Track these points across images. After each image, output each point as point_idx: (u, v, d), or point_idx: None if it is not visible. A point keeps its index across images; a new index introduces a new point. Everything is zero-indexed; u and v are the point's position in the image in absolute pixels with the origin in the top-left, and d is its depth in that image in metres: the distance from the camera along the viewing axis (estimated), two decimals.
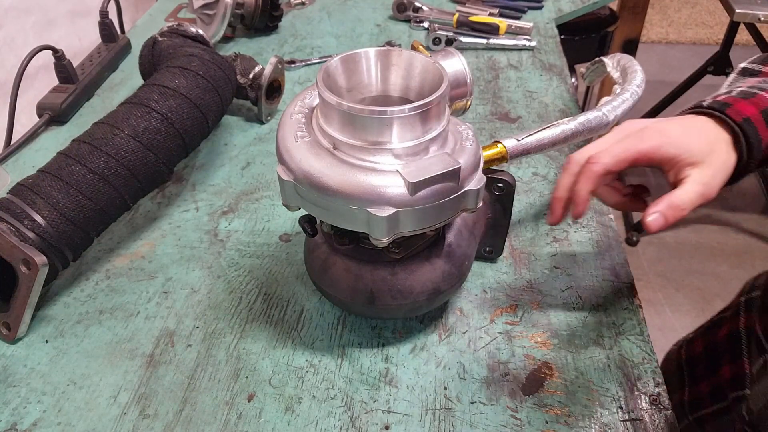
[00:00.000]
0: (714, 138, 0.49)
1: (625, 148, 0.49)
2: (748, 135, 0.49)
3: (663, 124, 0.50)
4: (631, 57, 0.75)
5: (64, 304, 0.62)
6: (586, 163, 0.49)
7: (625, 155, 0.49)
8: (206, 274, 0.65)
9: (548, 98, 0.92)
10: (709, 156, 0.48)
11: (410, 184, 0.44)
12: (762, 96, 0.51)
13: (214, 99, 0.73)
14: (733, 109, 0.50)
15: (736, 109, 0.50)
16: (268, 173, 0.79)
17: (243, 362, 0.56)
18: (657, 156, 0.49)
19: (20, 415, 0.52)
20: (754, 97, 0.51)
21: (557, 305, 0.60)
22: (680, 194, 0.48)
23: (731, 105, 0.50)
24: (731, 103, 0.50)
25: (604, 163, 0.49)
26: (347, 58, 0.49)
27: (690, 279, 1.95)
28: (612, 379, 0.53)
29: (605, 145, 0.50)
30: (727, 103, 0.50)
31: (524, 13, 1.17)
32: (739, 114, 0.49)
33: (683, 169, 0.49)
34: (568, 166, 0.51)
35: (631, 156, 0.49)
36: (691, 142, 0.49)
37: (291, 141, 0.48)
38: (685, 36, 3.25)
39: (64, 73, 0.90)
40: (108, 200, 0.62)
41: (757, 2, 1.51)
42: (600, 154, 0.49)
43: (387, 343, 0.57)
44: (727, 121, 0.49)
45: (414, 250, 0.54)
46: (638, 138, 0.49)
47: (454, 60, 0.56)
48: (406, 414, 0.51)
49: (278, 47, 1.09)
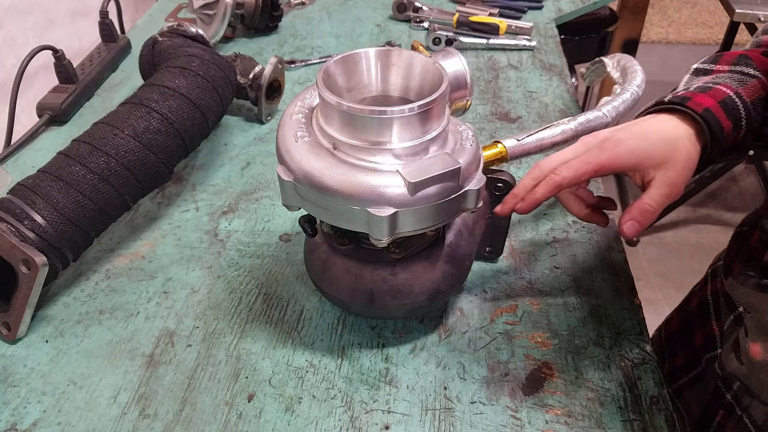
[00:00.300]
0: (676, 135, 0.52)
1: (585, 162, 0.51)
2: (710, 123, 0.51)
3: (622, 133, 0.52)
4: (631, 57, 0.75)
5: (64, 304, 0.62)
6: (549, 173, 0.52)
7: (586, 169, 0.51)
8: (206, 274, 0.65)
9: (548, 98, 0.92)
10: (671, 155, 0.51)
11: (410, 184, 0.44)
12: (718, 89, 0.53)
13: (214, 99, 0.73)
14: (693, 102, 0.52)
15: (696, 102, 0.52)
16: (268, 173, 0.79)
17: (243, 362, 0.56)
18: (617, 166, 0.51)
19: (20, 415, 0.52)
20: (710, 90, 0.53)
21: (557, 305, 0.60)
22: (648, 199, 0.51)
23: (691, 98, 0.53)
24: (690, 97, 0.53)
25: (564, 176, 0.51)
26: (347, 58, 0.49)
27: (690, 279, 1.93)
28: (612, 379, 0.53)
29: (570, 156, 0.52)
30: (687, 97, 0.53)
31: (524, 13, 1.17)
32: (699, 105, 0.52)
33: (648, 172, 0.52)
34: (533, 171, 0.53)
35: (591, 169, 0.51)
36: (651, 146, 0.51)
37: (291, 141, 0.48)
38: (685, 36, 3.26)
39: (64, 73, 0.90)
40: (108, 200, 0.62)
41: (757, 2, 1.51)
42: (562, 167, 0.52)
43: (387, 343, 0.57)
44: (689, 113, 0.52)
45: (414, 250, 0.54)
46: (598, 150, 0.51)
47: (454, 60, 0.56)
48: (406, 414, 0.51)
49: (278, 47, 1.09)
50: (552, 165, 0.52)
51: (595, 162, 0.51)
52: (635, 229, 0.51)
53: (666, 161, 0.51)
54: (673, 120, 0.53)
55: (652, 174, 0.52)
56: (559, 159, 0.53)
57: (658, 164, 0.51)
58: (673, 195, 0.52)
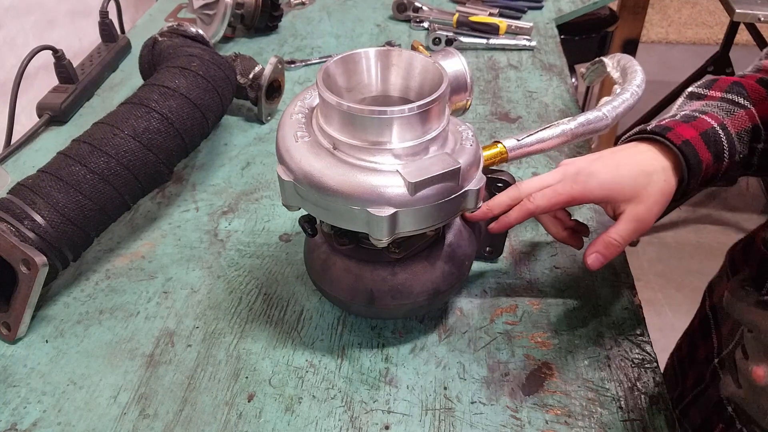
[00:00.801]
0: (651, 169, 0.52)
1: (558, 192, 0.53)
2: (688, 156, 0.52)
3: (597, 165, 0.53)
4: (631, 57, 0.75)
5: (64, 304, 0.62)
6: (524, 199, 0.54)
7: (558, 199, 0.53)
8: (206, 274, 0.65)
9: (548, 98, 0.92)
10: (644, 189, 0.52)
11: (410, 184, 0.44)
12: (702, 119, 0.54)
13: (214, 99, 0.73)
14: (673, 133, 0.53)
15: (677, 133, 0.53)
16: (268, 173, 0.79)
17: (243, 362, 0.56)
18: (589, 199, 0.53)
19: (20, 415, 0.52)
20: (694, 121, 0.54)
21: (557, 305, 0.60)
22: (614, 233, 0.52)
23: (672, 129, 0.53)
24: (672, 127, 0.53)
25: (538, 205, 0.53)
26: (347, 58, 0.49)
27: (690, 279, 1.95)
28: (612, 379, 0.53)
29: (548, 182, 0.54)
30: (669, 127, 0.54)
31: (524, 13, 1.17)
32: (679, 137, 0.52)
33: (618, 205, 0.53)
34: (511, 191, 0.55)
35: (563, 200, 0.53)
36: (623, 180, 0.52)
37: (291, 141, 0.48)
38: (685, 36, 3.26)
39: (64, 73, 0.90)
40: (108, 200, 0.62)
41: (757, 2, 1.51)
42: (537, 196, 0.54)
43: (387, 343, 0.57)
44: (667, 144, 0.52)
45: (414, 250, 0.54)
46: (571, 182, 0.53)
47: (454, 60, 0.56)
48: (406, 414, 0.51)
49: (278, 47, 1.09)
50: (530, 189, 0.54)
51: (567, 194, 0.53)
52: (599, 262, 0.52)
53: (637, 196, 0.52)
54: (651, 151, 0.53)
55: (622, 207, 0.53)
56: (537, 184, 0.54)
57: (629, 198, 0.52)
58: (640, 230, 0.52)
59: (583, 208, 0.72)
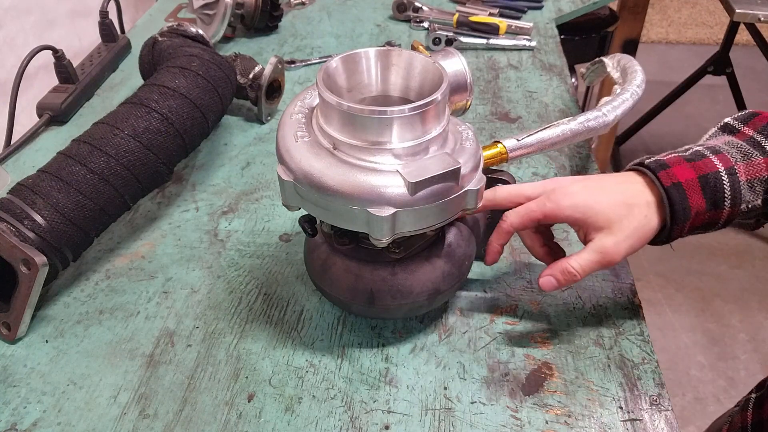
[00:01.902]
0: (634, 201, 0.50)
1: (531, 209, 0.52)
2: (673, 201, 0.49)
3: (575, 186, 0.52)
4: (631, 57, 0.75)
5: (64, 304, 0.62)
6: (500, 221, 0.54)
7: (530, 215, 0.52)
8: (206, 274, 0.65)
9: (548, 98, 0.92)
10: (618, 221, 0.49)
11: (410, 184, 0.44)
12: (709, 160, 0.50)
13: (214, 99, 0.73)
14: (667, 172, 0.49)
15: (671, 172, 0.49)
16: (268, 173, 0.79)
17: (243, 362, 0.56)
18: (559, 218, 0.51)
19: (20, 415, 0.52)
20: (700, 160, 0.50)
21: (557, 305, 0.60)
22: (574, 261, 0.50)
23: (669, 167, 0.50)
24: (670, 165, 0.50)
25: (511, 222, 0.53)
26: (347, 58, 0.49)
27: (690, 279, 1.95)
28: (612, 379, 0.53)
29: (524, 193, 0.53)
30: (666, 164, 0.50)
31: (524, 13, 1.17)
32: (671, 177, 0.49)
33: (589, 231, 0.51)
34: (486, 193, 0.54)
35: (535, 217, 0.52)
36: (599, 206, 0.50)
37: (291, 141, 0.48)
38: (685, 36, 3.26)
39: (64, 73, 0.90)
40: (108, 200, 0.62)
41: (757, 2, 1.51)
42: (509, 213, 0.53)
43: (387, 343, 0.57)
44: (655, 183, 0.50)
45: (414, 250, 0.54)
46: (545, 200, 0.52)
47: (454, 60, 0.56)
48: (406, 414, 0.51)
49: (278, 47, 1.09)
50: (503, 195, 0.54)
51: (540, 211, 0.51)
52: (552, 285, 0.51)
53: (609, 226, 0.49)
54: (641, 184, 0.51)
55: (592, 235, 0.50)
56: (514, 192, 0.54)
57: (601, 227, 0.49)
58: (604, 263, 0.50)
59: None
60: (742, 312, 1.84)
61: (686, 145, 0.53)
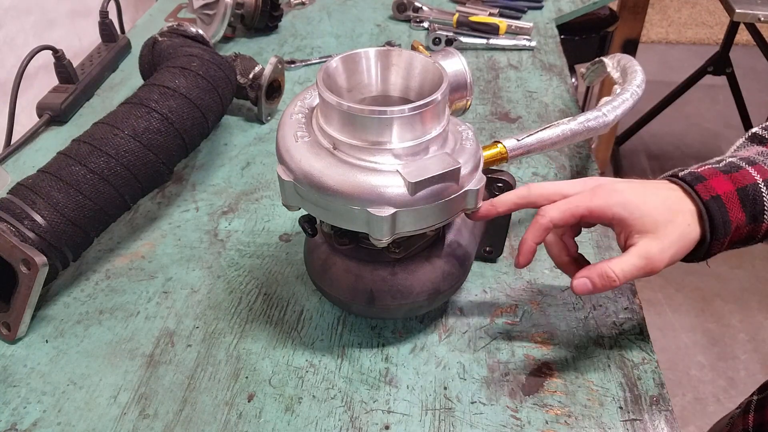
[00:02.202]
0: (678, 207, 0.47)
1: (574, 204, 0.48)
2: (713, 214, 0.46)
3: (621, 185, 0.48)
4: (631, 57, 0.75)
5: (64, 304, 0.62)
6: (536, 215, 0.49)
7: (573, 211, 0.48)
8: (206, 274, 0.65)
9: (548, 98, 0.92)
10: (664, 226, 0.46)
11: (410, 184, 0.44)
12: (746, 172, 0.48)
13: (214, 99, 0.73)
14: (704, 185, 0.47)
15: (709, 185, 0.47)
16: (268, 173, 0.79)
17: (243, 362, 0.56)
18: (606, 215, 0.47)
19: (20, 415, 0.52)
20: (736, 172, 0.48)
21: (557, 305, 0.60)
22: (616, 265, 0.46)
23: (705, 180, 0.48)
24: (706, 178, 0.48)
25: (551, 217, 0.48)
26: (347, 58, 0.49)
27: (690, 279, 1.95)
28: (612, 379, 0.53)
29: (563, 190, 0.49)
30: (702, 176, 0.48)
31: (524, 13, 1.17)
32: (709, 191, 0.47)
33: (632, 235, 0.47)
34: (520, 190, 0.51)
35: (579, 212, 0.48)
36: (646, 207, 0.47)
37: (291, 141, 0.48)
38: (685, 36, 3.26)
39: (64, 73, 0.90)
40: (108, 200, 0.62)
41: (757, 2, 1.51)
42: (549, 208, 0.48)
43: (387, 343, 0.57)
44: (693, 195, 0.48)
45: (414, 250, 0.54)
46: (590, 194, 0.48)
47: (454, 60, 0.56)
48: (406, 414, 0.51)
49: (278, 47, 1.09)
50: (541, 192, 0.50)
51: (585, 205, 0.48)
52: (587, 289, 0.47)
53: (656, 231, 0.46)
54: (680, 192, 0.48)
55: (635, 239, 0.47)
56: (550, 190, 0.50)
57: (647, 230, 0.46)
58: (647, 271, 0.46)
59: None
60: (742, 312, 1.84)
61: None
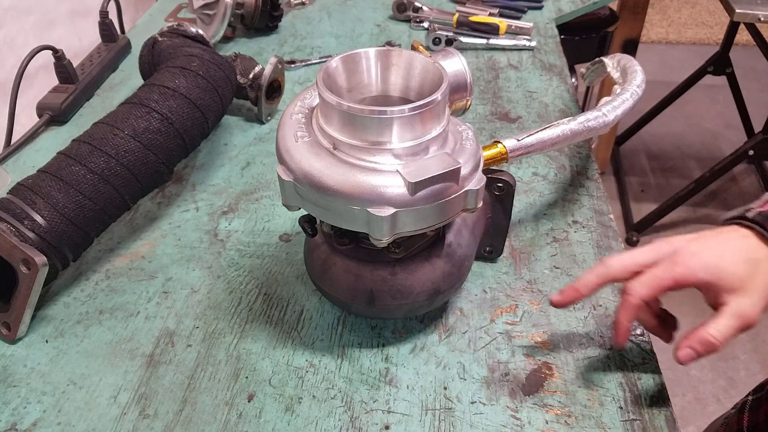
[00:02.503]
0: (755, 257, 0.47)
1: (660, 277, 0.48)
2: None
3: (697, 245, 0.48)
4: (631, 57, 0.75)
5: (64, 304, 0.62)
6: (624, 294, 0.49)
7: (661, 284, 0.48)
8: (206, 274, 0.65)
9: (548, 98, 0.92)
10: (750, 280, 0.46)
11: (410, 184, 0.44)
12: None
13: (214, 99, 0.73)
14: None
15: None
16: (268, 173, 0.79)
17: (243, 362, 0.56)
18: (690, 282, 0.47)
19: (20, 415, 0.52)
20: None
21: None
22: (713, 329, 0.46)
23: None
24: None
25: (641, 295, 0.48)
26: (347, 58, 0.49)
27: None
28: (612, 379, 0.53)
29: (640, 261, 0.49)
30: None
31: (524, 13, 1.17)
32: None
33: (720, 294, 0.47)
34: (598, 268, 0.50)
35: (666, 284, 0.48)
36: (728, 265, 0.46)
37: (291, 141, 0.48)
38: (685, 36, 3.25)
39: (64, 73, 0.90)
40: (108, 200, 0.62)
41: (757, 2, 1.51)
42: (635, 286, 0.48)
43: (387, 343, 0.57)
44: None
45: (414, 250, 0.54)
46: (671, 263, 0.48)
47: (454, 60, 0.56)
48: (406, 414, 0.51)
49: (278, 47, 1.09)
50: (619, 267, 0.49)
51: (670, 278, 0.47)
52: (691, 357, 0.47)
53: (742, 287, 0.46)
54: (753, 238, 0.48)
55: (725, 298, 0.46)
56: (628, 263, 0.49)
57: (734, 288, 0.46)
58: (744, 327, 0.46)
59: None
60: None
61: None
